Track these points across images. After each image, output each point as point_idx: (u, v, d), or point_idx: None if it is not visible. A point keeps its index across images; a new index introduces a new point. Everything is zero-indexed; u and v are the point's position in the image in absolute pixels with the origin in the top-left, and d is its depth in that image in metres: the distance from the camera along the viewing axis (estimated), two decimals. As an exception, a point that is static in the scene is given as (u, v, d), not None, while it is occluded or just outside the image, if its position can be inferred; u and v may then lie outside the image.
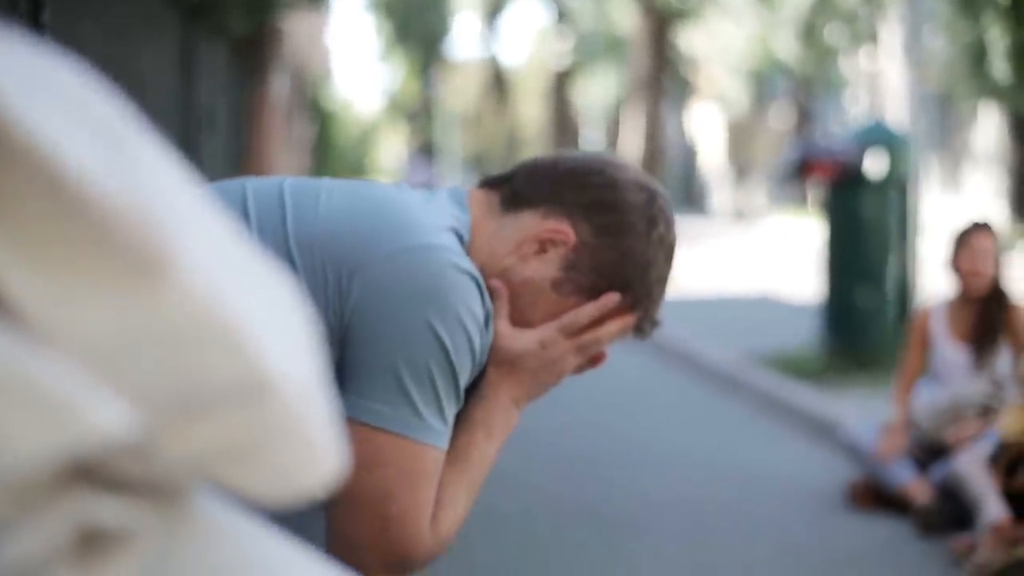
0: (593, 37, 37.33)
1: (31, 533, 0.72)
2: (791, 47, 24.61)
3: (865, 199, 7.35)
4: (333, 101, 33.24)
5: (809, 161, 7.42)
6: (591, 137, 40.27)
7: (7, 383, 0.68)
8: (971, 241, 4.99)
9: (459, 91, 47.72)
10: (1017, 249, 13.77)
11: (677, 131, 36.47)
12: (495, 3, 46.45)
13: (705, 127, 35.98)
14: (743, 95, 30.18)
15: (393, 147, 56.27)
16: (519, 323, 1.72)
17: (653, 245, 1.72)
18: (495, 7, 46.51)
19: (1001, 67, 16.42)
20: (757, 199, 31.47)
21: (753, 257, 17.63)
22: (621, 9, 31.65)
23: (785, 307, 11.51)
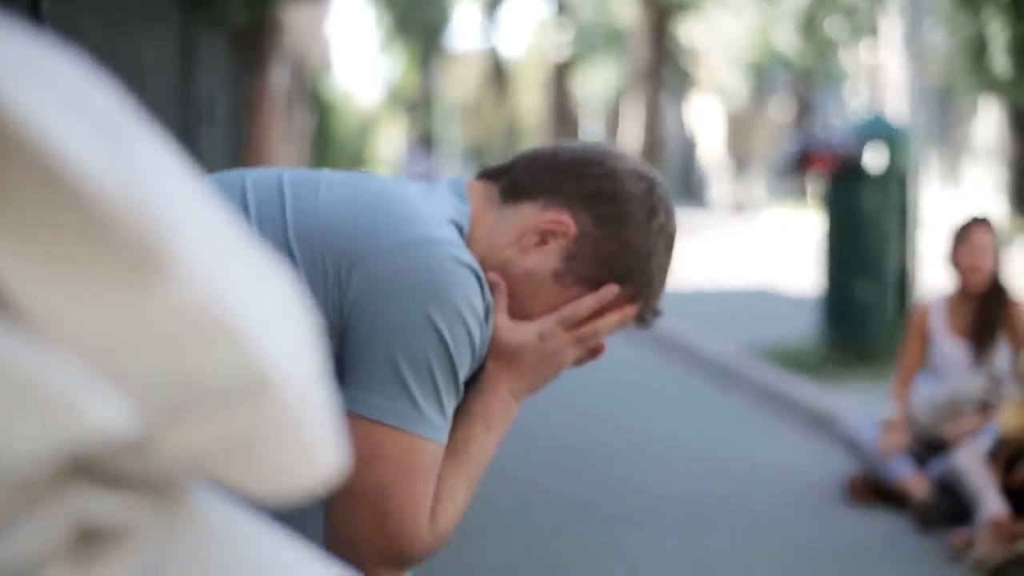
0: (593, 29, 37.29)
1: (30, 531, 0.71)
2: (791, 39, 24.58)
3: (865, 192, 7.34)
4: (333, 92, 33.23)
5: (809, 154, 7.42)
6: (591, 129, 40.22)
7: (5, 379, 0.68)
8: (970, 236, 4.99)
9: (459, 82, 47.65)
10: (1016, 244, 13.76)
11: (677, 123, 36.44)
12: (495, -6, 46.40)
13: (705, 119, 35.95)
14: (743, 87, 30.13)
15: (392, 138, 56.20)
16: (519, 316, 1.71)
17: (653, 234, 1.71)
18: (495, -2, 46.47)
19: (1001, 61, 16.40)
20: (756, 191, 31.45)
21: (752, 250, 17.63)
22: (621, 1, 31.61)
23: (784, 300, 11.50)
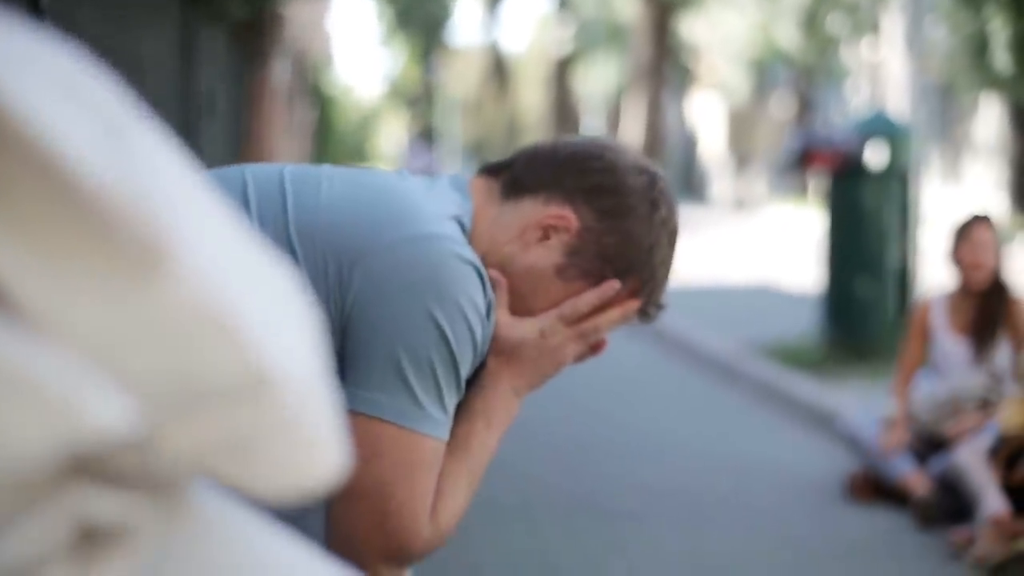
0: (594, 25, 37.28)
1: (30, 530, 0.71)
2: (792, 36, 24.57)
3: (865, 189, 7.34)
4: (334, 86, 33.22)
5: (810, 151, 7.41)
6: (592, 125, 40.20)
7: (4, 377, 0.67)
8: (971, 234, 4.99)
9: (460, 77, 47.67)
10: (1017, 241, 13.75)
11: (677, 120, 36.42)
12: (496, -10, 46.40)
13: (706, 116, 35.93)
14: (744, 84, 30.12)
15: (393, 133, 56.20)
16: (520, 312, 1.70)
17: (656, 228, 1.71)
18: (496, -6, 46.47)
19: (1002, 58, 16.39)
20: (757, 188, 31.42)
21: (753, 247, 17.62)
22: (622, -3, 31.62)
23: (785, 297, 11.50)
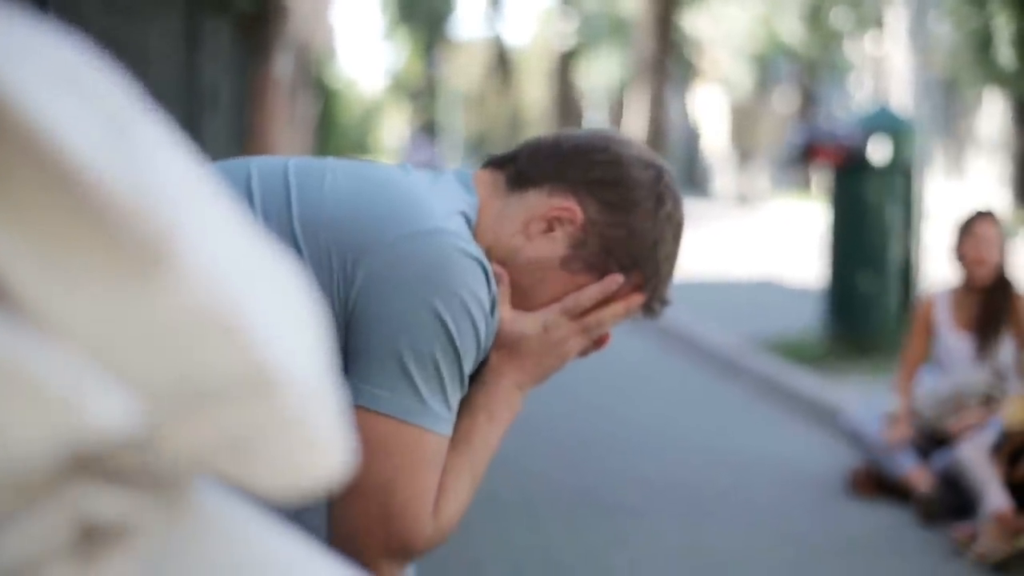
0: (598, 19, 37.26)
1: (31, 528, 0.71)
2: (796, 31, 24.56)
3: (869, 184, 7.33)
4: (337, 80, 33.19)
5: (813, 145, 7.41)
6: (595, 119, 40.21)
7: (5, 374, 0.67)
8: (975, 229, 4.98)
9: (463, 71, 47.62)
10: (1021, 237, 13.74)
11: (681, 114, 36.39)
12: (500, -17, 46.35)
13: (709, 110, 35.91)
14: (747, 78, 30.10)
15: (396, 126, 56.18)
16: (524, 306, 1.69)
17: (661, 222, 1.70)
18: (500, -13, 46.42)
19: (1006, 53, 16.39)
20: (760, 183, 31.41)
21: (756, 241, 17.61)
22: (626, -9, 31.59)
23: (787, 292, 11.49)
